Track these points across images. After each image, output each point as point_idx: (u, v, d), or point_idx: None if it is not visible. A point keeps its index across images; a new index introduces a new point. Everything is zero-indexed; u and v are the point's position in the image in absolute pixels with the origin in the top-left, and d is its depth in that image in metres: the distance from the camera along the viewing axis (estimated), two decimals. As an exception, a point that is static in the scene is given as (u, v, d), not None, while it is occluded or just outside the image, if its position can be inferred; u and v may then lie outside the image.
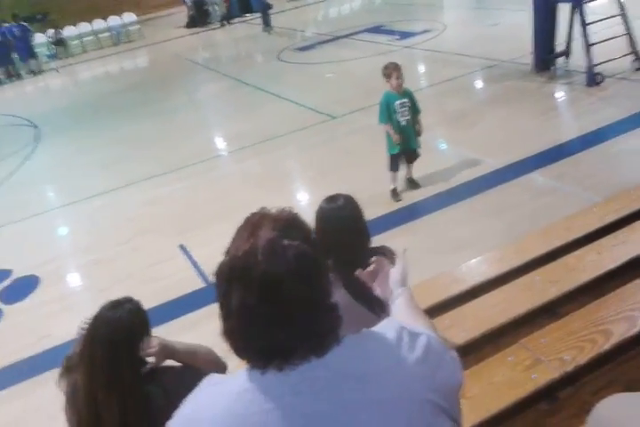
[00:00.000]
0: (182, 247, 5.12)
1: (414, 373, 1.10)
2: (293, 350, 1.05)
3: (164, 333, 3.91)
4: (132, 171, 7.25)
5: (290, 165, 6.94)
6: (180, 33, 17.93)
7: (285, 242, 1.04)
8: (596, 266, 3.01)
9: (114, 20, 18.34)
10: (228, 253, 1.07)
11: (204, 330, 3.85)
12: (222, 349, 1.13)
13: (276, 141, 7.39)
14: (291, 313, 1.04)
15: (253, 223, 1.09)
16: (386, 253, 2.45)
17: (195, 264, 4.76)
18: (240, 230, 1.10)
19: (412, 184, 5.44)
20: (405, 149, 5.17)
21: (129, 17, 18.62)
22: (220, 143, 8.19)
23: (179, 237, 5.30)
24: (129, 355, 1.85)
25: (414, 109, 5.14)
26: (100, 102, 11.44)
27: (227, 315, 1.06)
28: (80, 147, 8.77)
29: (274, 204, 1.16)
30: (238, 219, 1.14)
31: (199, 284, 4.47)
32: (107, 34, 18.18)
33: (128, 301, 1.91)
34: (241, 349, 1.08)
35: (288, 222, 1.10)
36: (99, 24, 18.23)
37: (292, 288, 1.03)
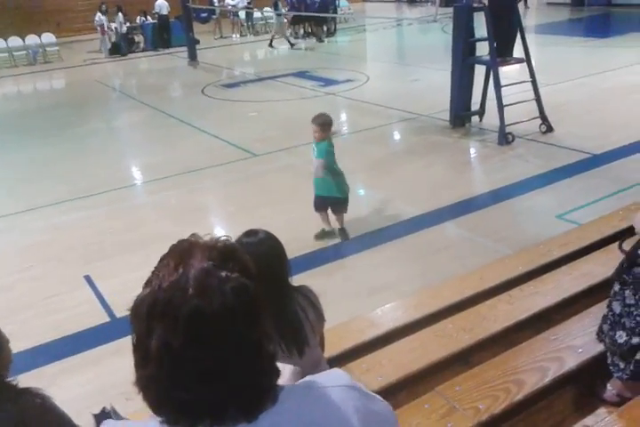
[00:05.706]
0: (87, 278, 4.83)
1: None
2: (224, 409, 0.87)
3: (61, 368, 3.71)
4: (37, 195, 6.87)
5: (208, 199, 6.80)
6: (102, 59, 17.54)
7: (223, 273, 0.87)
8: (508, 316, 3.10)
9: (32, 39, 17.70)
10: (148, 284, 0.88)
11: (106, 368, 3.63)
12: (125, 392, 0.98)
13: (195, 175, 7.25)
14: (225, 361, 0.86)
15: (182, 250, 0.91)
16: (306, 293, 2.41)
17: (100, 297, 4.49)
18: (164, 258, 0.91)
19: (341, 233, 5.32)
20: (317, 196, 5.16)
21: (48, 37, 18.04)
22: (136, 172, 7.92)
23: (84, 268, 4.99)
24: None
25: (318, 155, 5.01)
26: (7, 122, 10.86)
27: (143, 360, 0.87)
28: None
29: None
30: (150, 251, 0.98)
31: (104, 318, 4.18)
32: (22, 52, 17.49)
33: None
34: (159, 403, 0.89)
35: (225, 252, 0.91)
36: (15, 41, 17.51)
37: (228, 330, 0.86)
